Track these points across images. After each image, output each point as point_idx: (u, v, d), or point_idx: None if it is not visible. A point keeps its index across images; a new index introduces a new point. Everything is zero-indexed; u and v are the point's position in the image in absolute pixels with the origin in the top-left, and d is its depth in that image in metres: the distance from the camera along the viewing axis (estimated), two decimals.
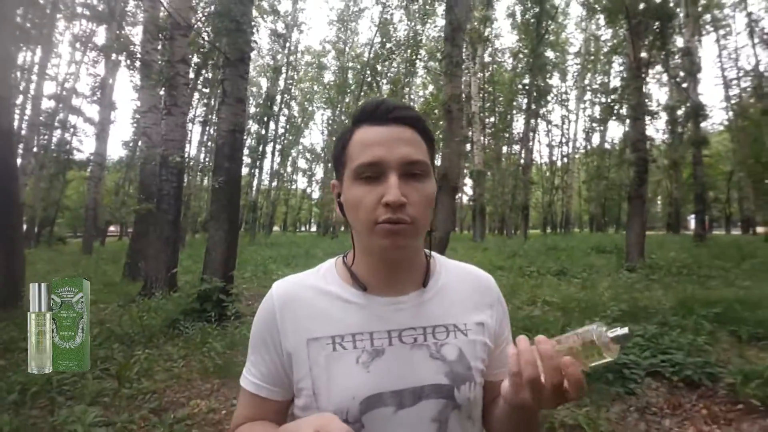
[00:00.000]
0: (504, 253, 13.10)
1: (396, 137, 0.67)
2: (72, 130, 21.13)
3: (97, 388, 2.98)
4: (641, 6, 9.67)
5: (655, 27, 9.59)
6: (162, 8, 7.42)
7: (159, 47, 8.56)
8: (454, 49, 5.39)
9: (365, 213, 0.66)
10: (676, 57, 16.57)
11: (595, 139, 33.82)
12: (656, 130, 21.91)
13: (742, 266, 8.85)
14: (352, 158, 0.68)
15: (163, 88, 7.30)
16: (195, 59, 8.00)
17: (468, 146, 20.36)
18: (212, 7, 7.60)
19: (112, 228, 32.65)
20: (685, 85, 16.39)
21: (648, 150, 10.11)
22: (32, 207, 17.93)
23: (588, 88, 32.09)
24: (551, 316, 4.41)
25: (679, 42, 16.82)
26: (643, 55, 10.24)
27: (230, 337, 4.17)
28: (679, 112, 19.07)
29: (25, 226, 15.25)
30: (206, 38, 5.73)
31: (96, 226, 18.55)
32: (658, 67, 17.48)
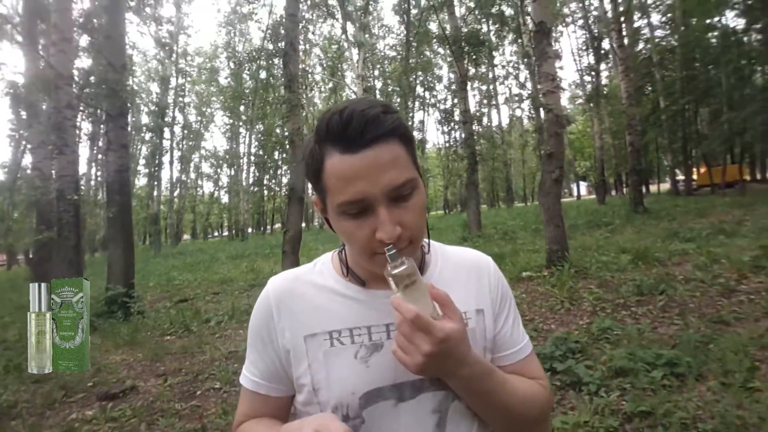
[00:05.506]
0: None
1: (375, 164, 0.59)
2: None
3: None
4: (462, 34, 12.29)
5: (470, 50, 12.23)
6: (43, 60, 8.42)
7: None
8: (292, 95, 7.19)
9: (360, 245, 0.63)
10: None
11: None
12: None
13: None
14: (331, 192, 0.62)
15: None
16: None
17: None
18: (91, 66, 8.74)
19: None
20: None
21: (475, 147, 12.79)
22: None
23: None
24: None
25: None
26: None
27: (134, 325, 5.81)
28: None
29: None
30: (86, 99, 7.00)
31: None
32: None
